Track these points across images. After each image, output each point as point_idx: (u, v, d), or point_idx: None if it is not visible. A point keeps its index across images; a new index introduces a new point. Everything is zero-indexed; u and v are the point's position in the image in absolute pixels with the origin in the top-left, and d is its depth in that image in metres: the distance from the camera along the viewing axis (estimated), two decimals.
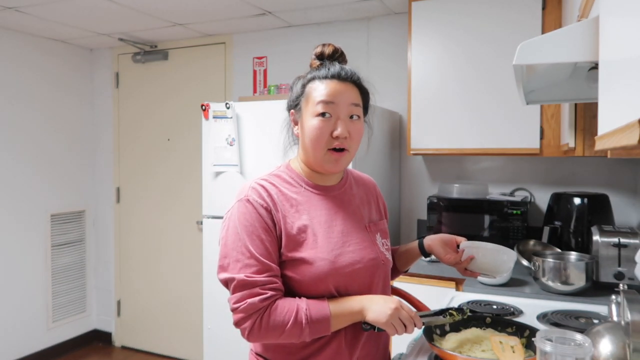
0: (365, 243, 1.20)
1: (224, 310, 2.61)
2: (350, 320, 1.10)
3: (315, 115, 1.14)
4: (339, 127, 1.13)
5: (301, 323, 1.06)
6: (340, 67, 1.17)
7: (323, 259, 1.11)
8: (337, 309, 1.09)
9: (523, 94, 1.34)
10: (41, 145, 3.55)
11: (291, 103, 1.23)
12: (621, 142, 0.60)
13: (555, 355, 0.85)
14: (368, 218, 1.27)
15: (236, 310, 1.08)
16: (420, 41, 2.54)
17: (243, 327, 1.08)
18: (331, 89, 1.14)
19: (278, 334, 1.06)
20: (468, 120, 2.45)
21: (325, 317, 1.07)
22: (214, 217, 2.62)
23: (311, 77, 1.18)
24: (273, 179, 1.20)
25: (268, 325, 1.06)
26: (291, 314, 1.06)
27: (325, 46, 1.21)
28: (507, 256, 1.29)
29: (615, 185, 2.50)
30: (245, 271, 1.07)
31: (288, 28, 3.26)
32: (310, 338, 1.08)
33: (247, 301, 1.06)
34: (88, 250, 3.92)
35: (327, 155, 1.15)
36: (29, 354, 3.45)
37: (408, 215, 2.98)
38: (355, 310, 1.09)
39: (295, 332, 1.06)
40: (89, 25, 3.25)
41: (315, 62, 1.21)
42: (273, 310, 1.06)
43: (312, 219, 1.16)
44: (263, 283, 1.07)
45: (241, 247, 1.09)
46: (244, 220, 1.11)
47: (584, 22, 0.99)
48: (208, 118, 2.57)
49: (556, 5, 2.26)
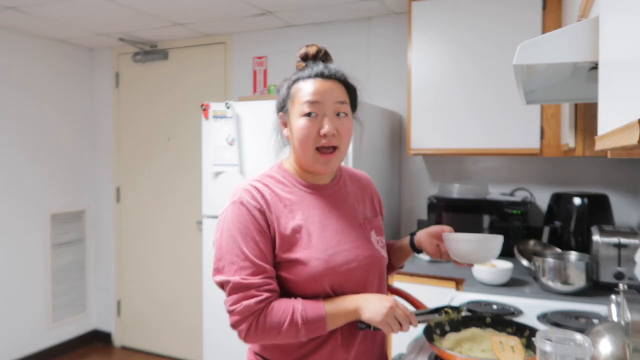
0: (360, 241, 1.20)
1: (224, 311, 2.61)
2: (346, 319, 1.11)
3: (301, 116, 1.14)
4: (326, 125, 1.12)
5: (297, 324, 1.06)
6: (324, 66, 1.17)
7: (317, 259, 1.11)
8: (333, 308, 1.09)
9: (523, 94, 1.34)
10: (41, 145, 3.55)
11: (279, 106, 1.24)
12: (621, 142, 0.60)
13: (555, 355, 0.85)
14: (362, 215, 1.27)
15: (232, 312, 1.08)
16: (420, 41, 2.54)
17: (240, 329, 1.08)
18: (315, 88, 1.14)
19: (274, 335, 1.07)
20: (468, 120, 2.45)
21: (321, 317, 1.08)
22: (213, 217, 2.62)
23: (295, 78, 1.19)
24: (266, 179, 1.20)
25: (264, 327, 1.06)
26: (287, 315, 1.06)
27: (309, 47, 1.22)
28: (492, 243, 1.24)
29: (615, 185, 2.50)
30: (240, 274, 1.08)
31: (288, 28, 3.26)
32: (307, 338, 1.09)
33: (242, 303, 1.06)
34: (88, 250, 3.92)
35: (317, 156, 1.15)
36: (29, 353, 3.45)
37: (408, 215, 2.98)
38: (350, 309, 1.10)
39: (292, 332, 1.07)
40: (89, 25, 3.25)
41: (301, 63, 1.22)
42: (269, 312, 1.07)
43: (306, 218, 1.16)
44: (258, 285, 1.07)
45: (236, 250, 1.10)
46: (238, 222, 1.12)
47: (584, 22, 0.99)
48: (208, 118, 2.57)
49: (556, 5, 2.26)
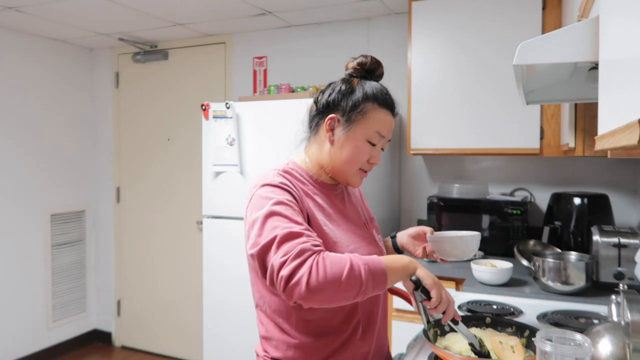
0: (368, 239, 1.23)
1: (224, 310, 2.62)
2: (401, 273, 1.06)
3: (366, 140, 1.16)
4: (378, 157, 1.20)
5: (359, 268, 0.98)
6: (396, 104, 1.22)
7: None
8: (388, 259, 1.05)
9: (523, 94, 1.34)
10: (41, 145, 3.55)
11: (333, 104, 1.18)
12: (621, 142, 0.60)
13: (555, 355, 0.85)
14: (364, 216, 1.31)
15: (285, 263, 0.96)
16: (420, 41, 2.54)
17: (300, 276, 0.94)
18: (390, 125, 1.20)
19: (337, 283, 0.95)
20: (468, 120, 2.45)
21: (380, 265, 1.01)
22: (213, 217, 2.62)
23: (372, 97, 1.17)
24: (286, 175, 1.18)
25: (326, 270, 0.95)
26: (346, 260, 0.98)
27: (366, 57, 1.22)
28: (471, 239, 1.33)
29: (615, 185, 2.50)
30: (288, 229, 1.01)
31: (288, 28, 3.26)
32: (371, 289, 0.99)
33: (298, 247, 0.97)
34: (88, 250, 3.92)
35: (357, 174, 1.20)
36: (29, 353, 3.45)
37: (408, 215, 2.98)
38: (405, 262, 1.07)
39: (355, 278, 0.97)
40: (89, 25, 3.25)
41: (356, 67, 1.21)
42: (327, 256, 0.98)
43: (325, 216, 1.17)
44: (309, 235, 1.01)
45: (277, 218, 1.03)
46: (275, 197, 1.07)
47: (584, 22, 0.99)
48: (208, 118, 2.57)
49: (556, 5, 2.26)
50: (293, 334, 1.12)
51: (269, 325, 1.15)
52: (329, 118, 1.17)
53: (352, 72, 1.21)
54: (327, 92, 1.20)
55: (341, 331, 1.12)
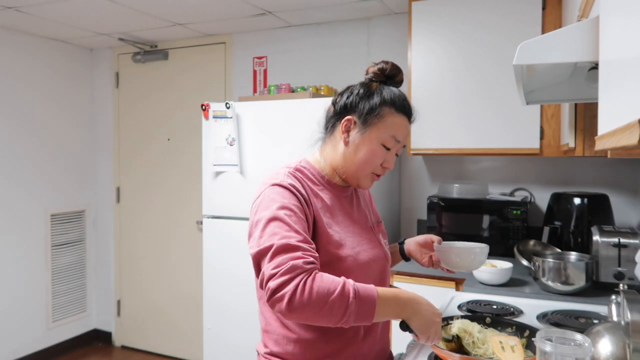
0: (375, 242, 1.24)
1: (224, 310, 2.62)
2: (394, 310, 1.05)
3: (381, 143, 1.16)
4: (392, 162, 1.20)
5: (348, 296, 0.97)
6: (414, 110, 1.22)
7: (349, 255, 1.13)
8: (384, 292, 1.03)
9: (523, 94, 1.34)
10: (41, 145, 3.55)
11: (350, 106, 1.19)
12: (621, 142, 0.60)
13: (555, 355, 0.85)
14: (371, 219, 1.31)
15: (276, 275, 0.96)
16: (420, 41, 2.53)
17: (284, 292, 0.95)
18: (406, 131, 1.20)
19: (321, 306, 0.95)
20: (468, 120, 2.45)
21: (372, 297, 0.99)
22: (214, 217, 2.62)
23: (390, 100, 1.17)
24: (297, 173, 1.18)
25: (312, 292, 0.95)
26: (337, 284, 0.97)
27: (387, 64, 1.22)
28: (479, 251, 1.33)
29: (615, 185, 2.50)
30: (286, 239, 1.01)
31: (288, 28, 3.26)
32: (354, 319, 0.98)
33: (290, 263, 0.96)
34: (88, 250, 3.92)
35: (369, 177, 1.20)
36: (29, 353, 3.45)
37: (408, 215, 2.98)
38: (402, 299, 1.05)
39: (340, 306, 0.96)
40: (89, 25, 3.25)
41: (378, 73, 1.21)
42: (317, 277, 0.97)
43: (334, 217, 1.17)
44: (305, 249, 1.00)
45: (279, 223, 1.03)
46: (281, 200, 1.08)
47: (584, 22, 0.99)
48: (208, 118, 2.57)
49: (556, 5, 2.26)
50: (293, 328, 1.13)
51: (270, 318, 1.17)
52: (346, 119, 1.18)
53: (372, 76, 1.22)
54: (346, 94, 1.21)
55: (343, 331, 1.12)
